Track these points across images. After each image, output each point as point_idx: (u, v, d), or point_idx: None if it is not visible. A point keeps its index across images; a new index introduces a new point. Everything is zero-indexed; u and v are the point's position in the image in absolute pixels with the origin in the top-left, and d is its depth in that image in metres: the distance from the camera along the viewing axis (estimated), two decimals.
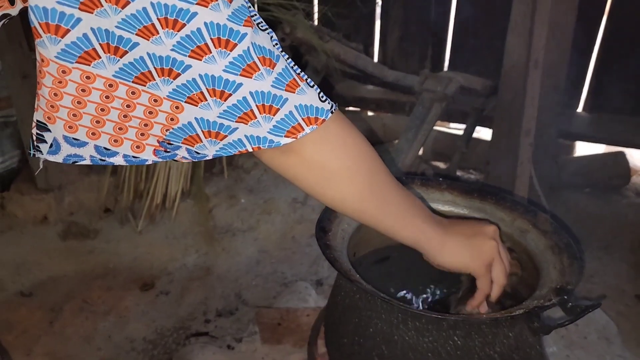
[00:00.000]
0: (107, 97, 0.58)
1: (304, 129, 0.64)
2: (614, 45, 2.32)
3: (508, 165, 1.86)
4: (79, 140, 0.62)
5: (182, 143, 0.63)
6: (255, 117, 0.61)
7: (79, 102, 0.59)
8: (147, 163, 0.67)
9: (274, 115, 0.61)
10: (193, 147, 0.63)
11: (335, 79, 2.55)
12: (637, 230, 2.04)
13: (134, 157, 0.63)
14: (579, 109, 2.48)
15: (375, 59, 2.68)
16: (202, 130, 0.61)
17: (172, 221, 2.13)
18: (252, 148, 0.63)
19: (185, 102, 0.59)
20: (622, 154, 2.24)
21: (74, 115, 0.59)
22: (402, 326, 0.91)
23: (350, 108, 2.80)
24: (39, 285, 1.88)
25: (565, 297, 0.90)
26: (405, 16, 2.57)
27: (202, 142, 0.62)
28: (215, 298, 1.80)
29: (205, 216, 2.13)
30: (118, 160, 0.64)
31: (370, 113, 2.79)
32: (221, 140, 0.62)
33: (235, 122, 0.60)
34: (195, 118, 0.60)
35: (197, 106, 0.59)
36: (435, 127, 2.25)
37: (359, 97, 2.66)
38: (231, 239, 2.06)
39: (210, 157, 0.64)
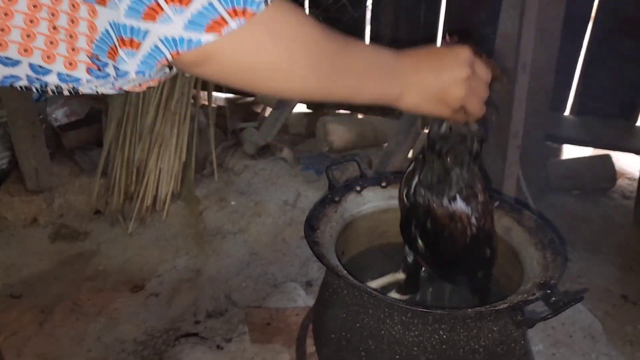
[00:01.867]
0: (34, 6, 0.56)
1: (228, 23, 0.56)
2: (600, 49, 2.35)
3: (496, 168, 1.88)
4: (11, 59, 0.58)
5: (107, 58, 0.58)
6: (162, 9, 0.54)
7: (5, 14, 0.55)
8: (81, 85, 0.61)
9: (185, 5, 0.54)
10: (115, 60, 0.57)
11: None
12: (623, 232, 2.07)
13: (67, 75, 0.60)
14: (566, 112, 2.51)
15: None
16: (117, 38, 0.56)
17: (163, 223, 2.13)
18: (171, 54, 0.56)
19: (97, 2, 0.55)
20: (608, 157, 2.27)
21: (2, 30, 0.56)
22: (389, 321, 0.92)
23: (341, 111, 2.82)
24: (28, 287, 1.87)
25: (549, 291, 0.92)
26: (395, 20, 2.59)
27: (119, 54, 0.57)
28: (205, 299, 1.80)
29: (195, 218, 2.14)
30: (52, 79, 0.60)
31: (360, 116, 2.81)
32: (137, 49, 0.56)
33: (143, 19, 0.54)
34: (109, 22, 0.55)
35: (105, 5, 0.55)
36: (425, 130, 2.27)
37: None
38: (221, 241, 2.06)
39: (134, 76, 0.58)
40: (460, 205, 0.93)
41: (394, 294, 1.10)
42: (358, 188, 1.18)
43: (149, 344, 1.64)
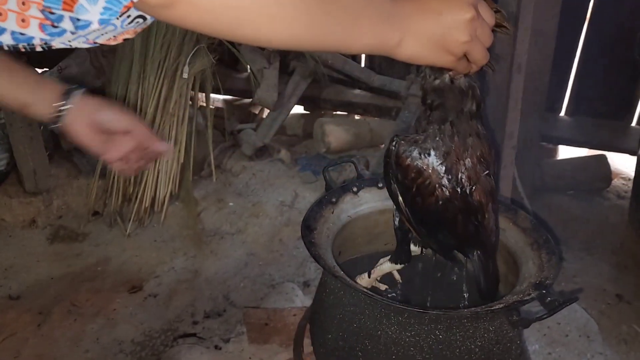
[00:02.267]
0: None
1: None
2: (595, 50, 2.37)
3: None
4: None
5: (62, 10, 0.53)
6: None
7: None
8: (35, 43, 0.58)
9: None
10: (73, 11, 0.53)
11: (323, 84, 2.58)
12: (618, 232, 2.08)
13: (21, 34, 0.57)
14: (562, 113, 2.53)
15: (362, 65, 2.71)
16: None
17: (161, 224, 2.14)
18: None
19: None
20: (603, 157, 2.28)
21: None
22: (385, 321, 0.94)
23: (338, 112, 2.83)
24: (27, 289, 1.87)
25: (544, 291, 0.93)
26: None
27: (78, 1, 0.52)
28: (203, 300, 1.81)
29: (193, 219, 2.14)
30: (6, 39, 0.57)
31: (357, 117, 2.82)
32: None
33: None
34: None
35: None
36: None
37: (347, 101, 2.69)
38: (219, 242, 2.07)
39: (97, 26, 0.54)
40: (432, 161, 0.87)
41: (387, 264, 1.09)
42: (355, 189, 1.19)
43: (147, 344, 1.64)
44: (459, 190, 0.87)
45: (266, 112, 2.65)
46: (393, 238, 1.24)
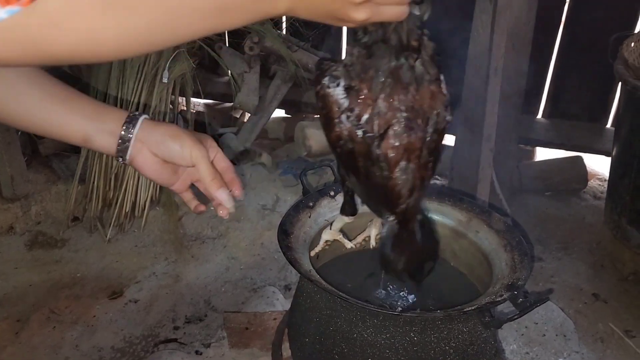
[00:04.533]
0: None
1: None
2: (571, 53, 2.41)
3: (470, 171, 1.92)
4: None
5: None
6: None
7: None
8: None
9: None
10: None
11: (304, 88, 2.59)
12: (595, 231, 2.12)
13: None
14: (539, 116, 2.57)
15: None
16: None
17: (142, 229, 2.13)
18: None
19: None
20: (580, 159, 2.32)
21: None
22: (361, 324, 0.95)
23: (319, 116, 2.84)
24: (4, 296, 1.85)
25: (515, 292, 0.95)
26: None
27: None
28: (184, 305, 1.80)
29: (174, 224, 2.14)
30: None
31: None
32: None
33: None
34: None
35: None
36: None
37: None
38: (200, 247, 2.06)
39: None
40: (337, 92, 0.74)
41: (338, 217, 1.06)
42: (332, 193, 1.20)
43: (127, 351, 1.63)
44: (359, 133, 0.74)
45: (247, 116, 2.65)
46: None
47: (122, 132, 0.81)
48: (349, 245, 1.09)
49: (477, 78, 1.92)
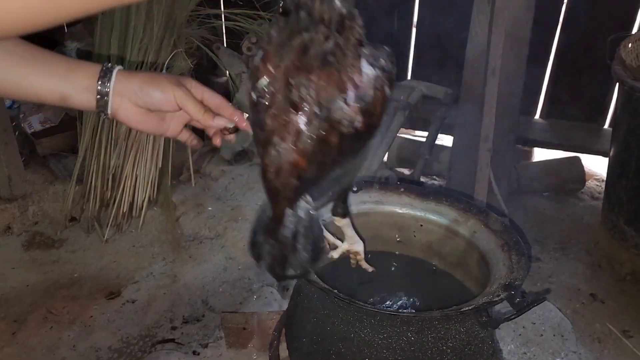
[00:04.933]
0: None
1: None
2: (569, 54, 2.41)
3: (468, 171, 1.92)
4: None
5: None
6: None
7: None
8: None
9: None
10: None
11: None
12: (592, 232, 2.12)
13: None
14: (536, 116, 2.57)
15: None
16: None
17: (139, 230, 2.13)
18: None
19: None
20: (577, 159, 2.33)
21: None
22: (358, 324, 0.95)
23: None
24: (1, 297, 1.85)
25: (512, 292, 0.95)
26: (368, 27, 2.62)
27: None
28: (181, 305, 1.80)
29: (172, 224, 2.13)
30: None
31: None
32: None
33: None
34: None
35: None
36: (399, 135, 2.30)
37: None
38: (198, 247, 2.06)
39: None
40: (257, 59, 0.71)
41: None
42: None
43: (125, 351, 1.63)
44: (253, 95, 0.71)
45: (245, 116, 2.65)
46: (368, 241, 1.26)
47: (99, 87, 0.80)
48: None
49: (475, 78, 1.92)
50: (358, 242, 1.05)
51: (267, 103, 0.69)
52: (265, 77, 0.69)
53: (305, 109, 0.68)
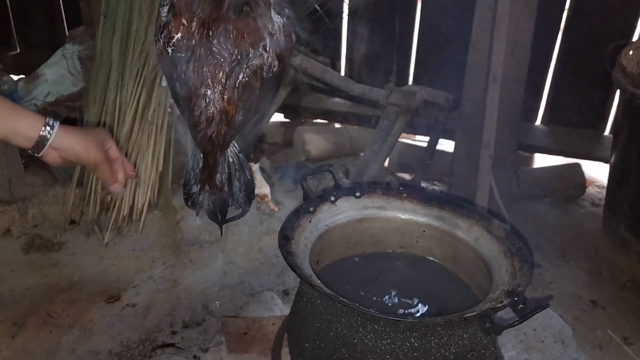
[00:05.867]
0: None
1: None
2: (570, 61, 2.42)
3: (469, 177, 1.93)
4: None
5: None
6: None
7: None
8: None
9: None
10: None
11: (303, 92, 2.59)
12: (593, 238, 2.12)
13: None
14: (537, 122, 2.58)
15: (342, 73, 2.73)
16: None
17: (139, 233, 2.12)
18: None
19: None
20: (578, 166, 2.33)
21: None
22: (362, 329, 0.94)
23: (318, 120, 2.85)
24: (0, 300, 1.84)
25: (516, 299, 0.95)
26: (371, 32, 2.63)
27: None
28: (182, 309, 1.79)
29: (172, 228, 2.13)
30: None
31: (337, 125, 2.84)
32: None
33: None
34: None
35: None
36: (401, 140, 2.31)
37: (326, 110, 2.70)
38: (198, 251, 2.06)
39: None
40: (163, 11, 0.77)
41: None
42: (332, 198, 1.20)
43: (125, 355, 1.62)
44: (169, 51, 0.75)
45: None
46: (371, 246, 1.26)
47: (38, 140, 0.96)
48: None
49: (477, 85, 1.93)
50: (265, 186, 1.09)
51: (186, 56, 0.71)
52: (181, 32, 0.71)
53: (229, 58, 0.72)
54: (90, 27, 2.48)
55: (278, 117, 2.78)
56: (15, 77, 2.34)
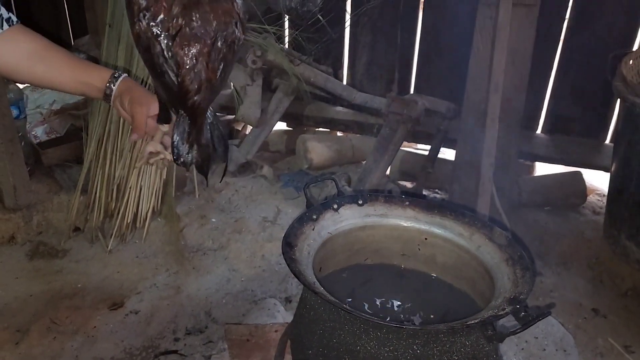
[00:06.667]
0: None
1: None
2: (570, 70, 2.44)
3: (471, 185, 1.94)
4: None
5: None
6: None
7: None
8: None
9: None
10: None
11: (306, 101, 2.61)
12: (594, 247, 2.13)
13: None
14: (538, 131, 2.59)
15: (344, 82, 2.76)
16: None
17: (143, 240, 2.14)
18: None
19: None
20: (579, 174, 2.34)
21: None
22: (365, 336, 0.95)
23: (321, 129, 2.86)
24: (5, 306, 1.85)
25: (518, 306, 0.95)
26: (373, 41, 2.66)
27: None
28: (185, 316, 1.80)
29: (176, 235, 2.14)
30: None
31: (339, 134, 2.85)
32: None
33: None
34: None
35: None
36: (402, 148, 2.32)
37: (329, 118, 2.72)
38: (202, 258, 2.07)
39: None
40: None
41: (158, 132, 1.11)
42: (335, 206, 1.21)
43: None
44: (154, 31, 0.85)
45: (249, 128, 2.67)
46: (373, 254, 1.27)
47: (107, 91, 1.13)
48: (169, 157, 1.12)
49: (478, 94, 1.94)
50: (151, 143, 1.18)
51: (172, 35, 0.85)
52: (163, 13, 0.84)
53: (207, 34, 0.87)
54: (95, 37, 2.51)
55: (281, 125, 2.80)
56: (21, 86, 2.36)
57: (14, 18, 1.04)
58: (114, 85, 1.13)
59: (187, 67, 0.88)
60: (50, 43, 1.13)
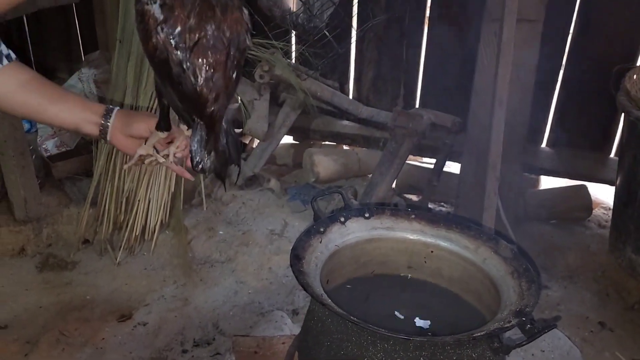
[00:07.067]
0: None
1: None
2: (575, 84, 2.46)
3: (476, 198, 1.95)
4: None
5: None
6: None
7: None
8: None
9: None
10: None
11: (312, 115, 2.64)
12: (600, 260, 2.13)
13: None
14: (543, 144, 2.60)
15: (351, 97, 2.78)
16: None
17: (151, 253, 2.16)
18: None
19: None
20: (584, 187, 2.35)
21: None
22: (372, 348, 0.96)
23: (327, 142, 2.89)
24: (14, 318, 1.87)
25: (524, 319, 0.97)
26: (378, 56, 2.69)
27: None
28: (192, 328, 1.82)
29: (183, 248, 2.16)
30: None
31: (345, 147, 2.88)
32: None
33: None
34: None
35: None
36: (408, 162, 2.34)
37: (335, 132, 2.75)
38: (209, 270, 2.09)
39: None
40: (154, 8, 0.88)
41: (153, 136, 1.12)
42: (342, 219, 1.22)
43: None
44: (172, 42, 0.88)
45: (256, 142, 2.70)
46: (380, 266, 1.29)
47: (102, 123, 1.12)
48: (161, 160, 1.14)
49: (483, 108, 1.96)
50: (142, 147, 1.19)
51: (190, 46, 0.88)
52: (181, 25, 0.87)
53: (223, 44, 0.91)
54: (106, 52, 2.55)
55: (287, 139, 2.82)
56: None
57: (13, 55, 1.05)
58: (111, 114, 1.12)
59: (206, 76, 0.91)
60: (44, 78, 1.13)
